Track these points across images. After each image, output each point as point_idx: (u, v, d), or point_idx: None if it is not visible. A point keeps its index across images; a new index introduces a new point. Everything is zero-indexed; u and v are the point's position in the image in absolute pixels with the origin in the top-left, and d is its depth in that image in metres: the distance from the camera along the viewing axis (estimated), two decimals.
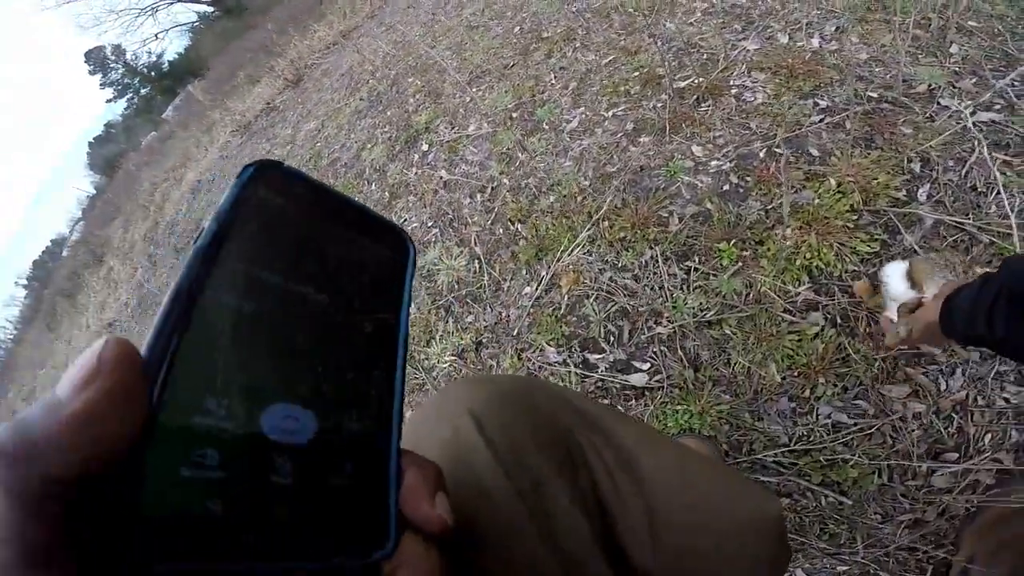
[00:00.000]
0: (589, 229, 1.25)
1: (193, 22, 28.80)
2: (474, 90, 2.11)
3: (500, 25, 2.59)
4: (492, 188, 1.62)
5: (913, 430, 0.87)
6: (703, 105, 1.38)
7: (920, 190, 1.07)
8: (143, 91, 30.59)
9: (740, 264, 1.07)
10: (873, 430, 0.89)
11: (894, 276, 0.86)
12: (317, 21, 6.71)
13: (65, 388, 0.13)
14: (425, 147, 2.12)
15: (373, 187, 2.24)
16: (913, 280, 0.85)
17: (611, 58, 1.75)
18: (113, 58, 30.47)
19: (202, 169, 5.61)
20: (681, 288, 1.10)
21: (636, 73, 1.61)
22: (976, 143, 1.09)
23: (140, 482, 0.12)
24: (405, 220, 1.89)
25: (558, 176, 1.44)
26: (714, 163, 1.23)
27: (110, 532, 0.12)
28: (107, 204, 11.64)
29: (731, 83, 1.41)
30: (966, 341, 0.60)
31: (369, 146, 2.50)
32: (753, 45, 1.55)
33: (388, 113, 2.62)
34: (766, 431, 0.94)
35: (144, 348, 0.14)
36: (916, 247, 0.99)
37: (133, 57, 30.32)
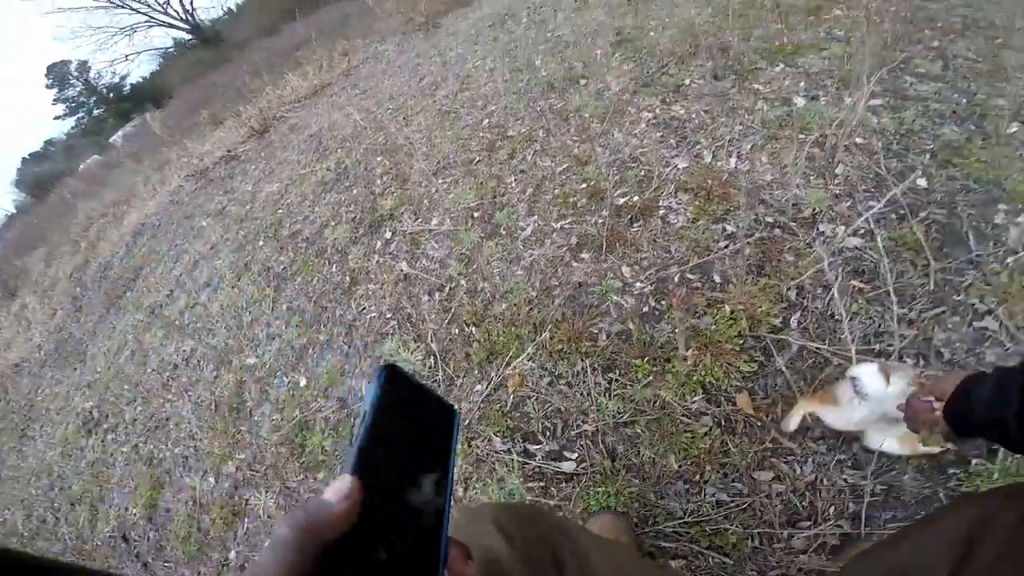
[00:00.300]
0: (534, 344, 1.68)
1: (168, 48, 30.90)
2: (439, 181, 2.59)
3: (471, 115, 3.10)
4: (450, 288, 2.05)
5: (776, 505, 1.27)
6: (635, 225, 1.85)
7: (792, 317, 1.53)
8: (96, 112, 31.69)
9: (651, 377, 1.51)
10: (747, 505, 1.29)
11: (868, 376, 1.11)
12: (292, 70, 7.22)
13: (332, 496, 0.28)
14: (388, 235, 2.56)
15: (334, 269, 2.64)
16: (886, 376, 1.09)
17: (565, 166, 2.24)
18: (76, 74, 31.77)
19: (149, 211, 5.89)
20: (604, 395, 1.53)
21: (584, 185, 2.10)
22: (840, 271, 1.57)
23: (351, 543, 0.28)
24: (364, 309, 2.31)
25: (511, 284, 1.89)
26: (638, 285, 1.69)
27: (342, 570, 0.27)
28: (29, 229, 11.67)
29: (660, 203, 1.90)
30: (979, 428, 0.67)
31: (333, 224, 2.93)
32: (683, 163, 2.05)
33: (354, 191, 3.07)
34: (666, 507, 1.34)
35: (348, 463, 0.30)
36: (784, 368, 1.44)
37: (96, 76, 31.96)
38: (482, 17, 6.38)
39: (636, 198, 1.94)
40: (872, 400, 1.09)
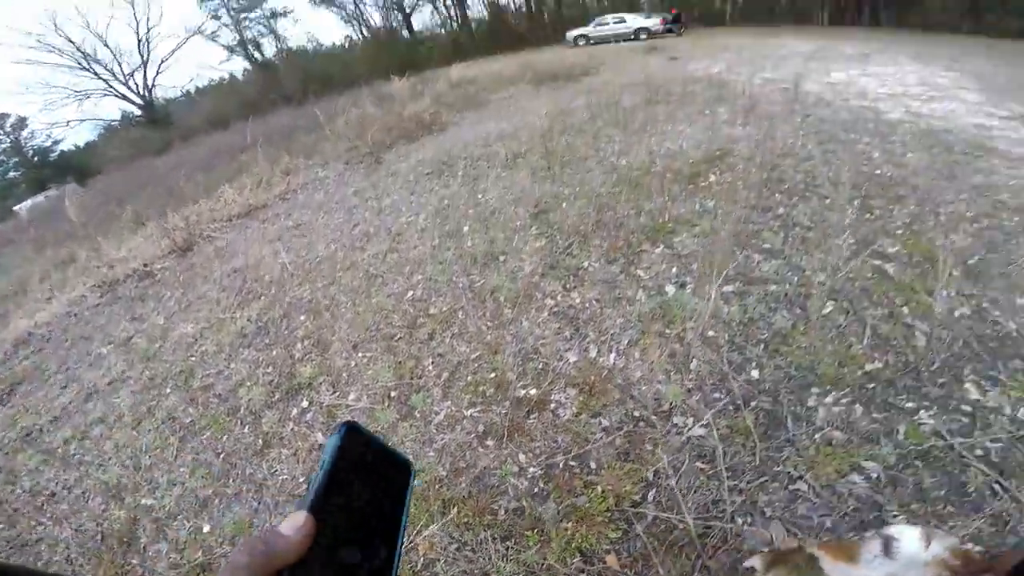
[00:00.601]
0: (444, 521, 2.39)
1: (113, 120, 33.69)
2: (360, 355, 3.32)
3: (397, 283, 3.92)
4: None
5: None
6: (531, 417, 2.65)
7: (650, 493, 2.31)
8: (12, 174, 32.48)
9: (540, 544, 2.20)
10: None
11: (909, 537, 1.15)
12: (230, 179, 8.06)
13: (287, 529, 0.38)
14: (305, 404, 3.18)
15: (246, 430, 3.18)
16: (927, 541, 1.14)
17: (478, 354, 3.06)
18: (9, 129, 32.61)
19: (41, 320, 6.00)
20: (502, 559, 2.19)
21: (493, 375, 2.90)
22: (687, 456, 2.41)
23: (301, 571, 0.38)
24: (276, 471, 2.85)
25: (423, 464, 2.56)
26: (531, 470, 2.44)
27: None
28: None
29: (552, 397, 2.72)
30: None
31: (249, 384, 3.50)
32: (573, 357, 2.92)
33: (274, 352, 3.70)
34: None
35: (306, 503, 0.41)
36: (642, 533, 2.21)
37: (29, 135, 33.78)
38: (423, 161, 7.70)
39: (534, 391, 2.75)
40: (899, 563, 1.12)
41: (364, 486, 0.46)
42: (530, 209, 4.77)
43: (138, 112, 32.93)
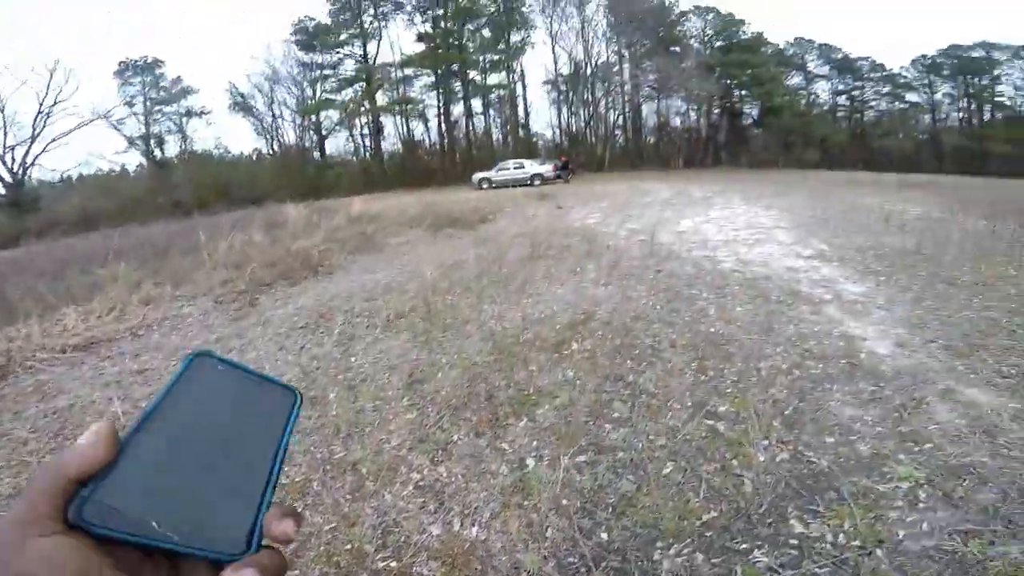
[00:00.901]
0: None
1: None
2: None
3: None
4: None
5: None
6: None
7: None
8: None
9: None
10: None
11: None
12: (78, 299, 8.02)
13: (83, 439, 0.40)
14: None
15: None
16: None
17: (333, 525, 3.37)
18: None
19: None
20: None
21: (348, 546, 3.23)
22: None
23: (103, 483, 0.38)
24: None
25: None
26: None
27: (84, 509, 0.36)
28: None
29: (414, 570, 3.07)
30: None
31: None
32: (437, 530, 3.30)
33: None
34: None
35: (129, 429, 0.42)
36: None
37: None
38: (300, 309, 8.14)
39: (394, 563, 3.07)
40: None
41: (222, 411, 0.48)
42: (404, 378, 5.23)
43: (1, 190, 32.01)
